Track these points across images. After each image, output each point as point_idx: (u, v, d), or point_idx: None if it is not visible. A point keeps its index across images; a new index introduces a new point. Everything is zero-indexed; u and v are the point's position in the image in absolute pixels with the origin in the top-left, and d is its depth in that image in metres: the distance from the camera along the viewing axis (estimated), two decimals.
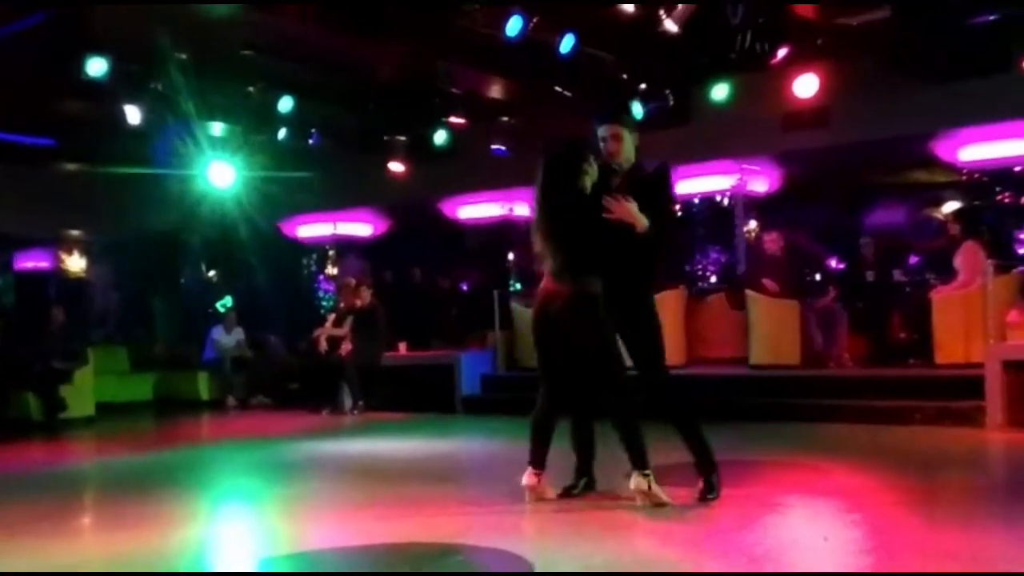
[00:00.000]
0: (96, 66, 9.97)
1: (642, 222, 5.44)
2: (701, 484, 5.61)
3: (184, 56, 10.31)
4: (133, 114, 11.25)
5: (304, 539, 5.41)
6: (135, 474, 8.43)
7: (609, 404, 5.57)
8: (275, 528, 5.88)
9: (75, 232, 17.11)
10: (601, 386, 5.63)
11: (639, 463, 5.45)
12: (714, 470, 5.61)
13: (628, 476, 5.51)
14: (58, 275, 17.24)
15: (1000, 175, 11.63)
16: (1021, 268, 10.54)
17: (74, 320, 13.91)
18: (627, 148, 5.73)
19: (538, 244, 5.73)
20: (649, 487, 5.40)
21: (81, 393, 12.94)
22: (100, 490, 8.04)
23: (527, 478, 5.83)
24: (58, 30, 9.54)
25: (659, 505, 5.40)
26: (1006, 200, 11.66)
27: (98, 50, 9.93)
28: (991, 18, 9.22)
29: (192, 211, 14.03)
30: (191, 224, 14.92)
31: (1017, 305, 9.34)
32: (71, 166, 14.42)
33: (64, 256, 17.29)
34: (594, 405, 5.83)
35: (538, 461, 5.84)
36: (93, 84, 10.24)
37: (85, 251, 17.45)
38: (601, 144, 5.72)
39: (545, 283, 5.75)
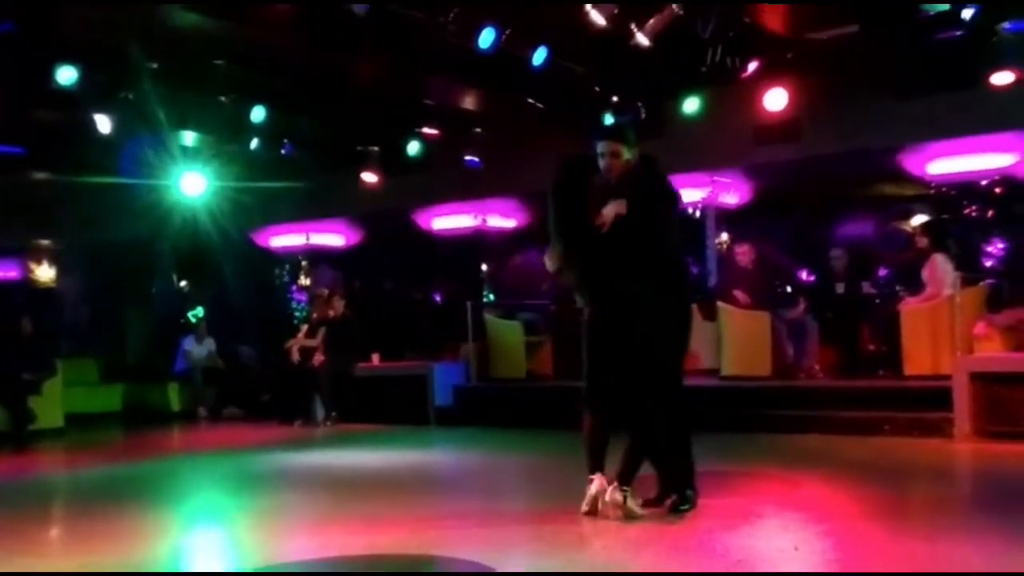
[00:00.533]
0: (66, 75, 9.91)
1: (621, 207, 5.41)
2: (675, 496, 5.61)
3: (155, 65, 10.26)
4: (104, 123, 11.18)
5: (275, 552, 5.39)
6: (104, 486, 8.36)
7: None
8: (245, 541, 5.85)
9: (44, 241, 16.96)
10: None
11: (626, 479, 5.44)
12: (686, 486, 5.61)
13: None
14: (27, 285, 17.08)
15: (967, 189, 11.79)
16: (988, 281, 10.68)
17: (43, 330, 13.77)
18: (623, 160, 5.64)
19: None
20: (624, 501, 5.40)
21: (50, 404, 12.82)
22: (68, 503, 7.96)
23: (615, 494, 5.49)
24: (28, 38, 9.48)
25: (632, 517, 5.41)
26: (973, 213, 11.82)
27: (68, 59, 9.87)
28: (957, 34, 9.34)
29: (163, 221, 13.95)
30: (162, 234, 14.82)
31: (984, 317, 9.44)
32: (41, 175, 14.28)
33: (33, 266, 17.13)
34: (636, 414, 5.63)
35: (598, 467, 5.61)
36: (63, 93, 10.17)
37: (55, 261, 17.29)
38: (600, 160, 5.64)
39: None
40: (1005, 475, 7.23)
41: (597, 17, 8.92)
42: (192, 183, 12.88)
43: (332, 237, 16.51)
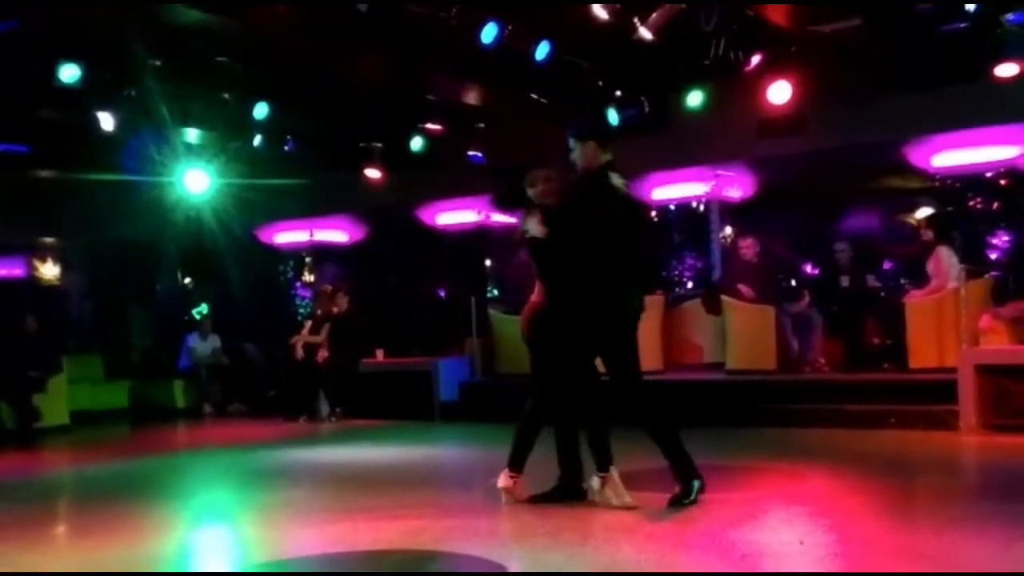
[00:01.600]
0: (69, 72, 9.90)
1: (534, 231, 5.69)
2: (678, 489, 5.65)
3: (158, 62, 10.25)
4: (107, 121, 11.17)
5: (282, 547, 5.40)
6: (110, 483, 8.38)
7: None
8: (252, 536, 5.86)
9: (49, 239, 16.96)
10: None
11: (603, 465, 5.70)
12: (692, 477, 5.65)
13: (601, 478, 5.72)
14: (32, 283, 17.09)
15: (972, 181, 11.75)
16: (993, 273, 10.66)
17: (48, 328, 13.78)
18: (578, 158, 5.88)
19: None
20: (601, 487, 5.69)
21: (55, 402, 12.83)
22: (74, 500, 7.99)
23: (503, 480, 5.88)
24: (31, 36, 9.47)
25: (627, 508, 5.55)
26: (978, 206, 11.78)
27: (71, 56, 9.87)
28: (961, 26, 9.32)
29: (167, 218, 13.94)
30: (166, 231, 14.82)
31: (989, 310, 9.43)
32: (45, 173, 14.28)
33: (38, 264, 17.14)
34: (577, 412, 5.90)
35: (517, 464, 5.89)
36: (67, 90, 10.17)
37: (59, 258, 17.30)
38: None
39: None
40: (1010, 468, 7.22)
41: (600, 11, 8.90)
42: (196, 180, 12.88)
43: (336, 233, 16.50)
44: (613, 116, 11.08)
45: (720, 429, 9.30)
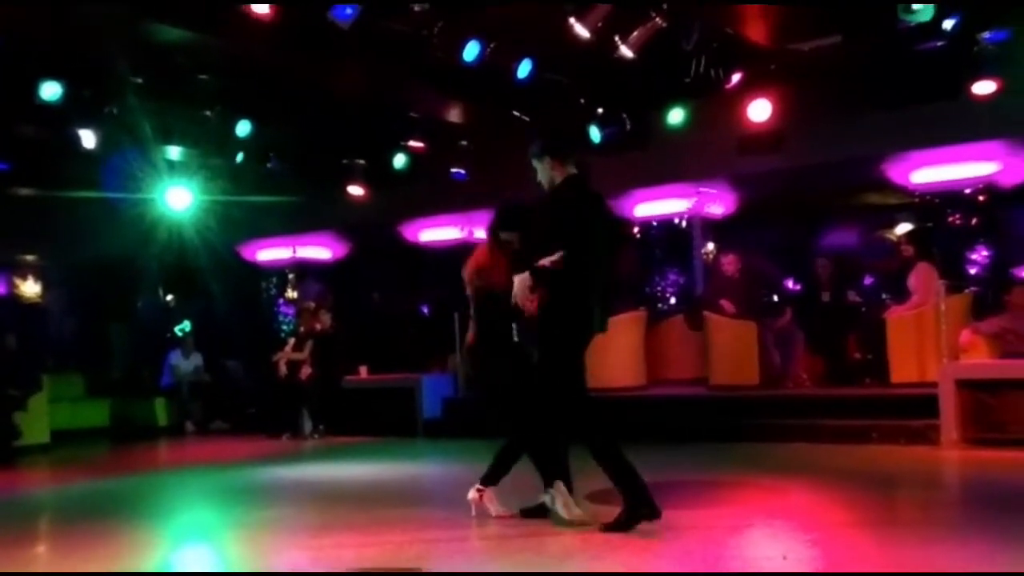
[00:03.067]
0: (50, 90, 9.89)
1: (522, 293, 5.52)
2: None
3: (140, 80, 10.25)
4: (88, 138, 11.14)
5: (265, 565, 5.38)
6: (91, 502, 8.31)
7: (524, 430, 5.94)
8: (234, 554, 5.83)
9: (30, 257, 16.89)
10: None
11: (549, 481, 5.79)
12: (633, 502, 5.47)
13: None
14: (12, 300, 17.00)
15: (951, 197, 11.85)
16: (972, 289, 10.75)
17: (28, 346, 13.70)
18: (541, 178, 5.85)
19: None
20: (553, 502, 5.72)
21: (35, 420, 12.72)
22: (54, 519, 7.92)
23: (471, 493, 6.03)
24: (12, 53, 9.45)
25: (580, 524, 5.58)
26: (957, 222, 11.88)
27: (52, 73, 9.85)
28: (939, 44, 9.42)
29: (149, 235, 13.90)
30: (148, 248, 14.77)
31: (969, 325, 9.50)
32: (26, 190, 14.22)
33: (18, 281, 17.06)
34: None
35: (489, 479, 6.03)
36: (48, 108, 10.15)
37: (40, 276, 17.23)
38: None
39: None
40: (991, 482, 7.26)
41: (581, 30, 8.96)
42: (178, 197, 12.85)
43: (319, 250, 16.49)
44: (595, 133, 11.12)
45: (703, 444, 9.33)
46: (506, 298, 5.59)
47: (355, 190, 13.60)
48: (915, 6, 8.35)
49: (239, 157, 12.55)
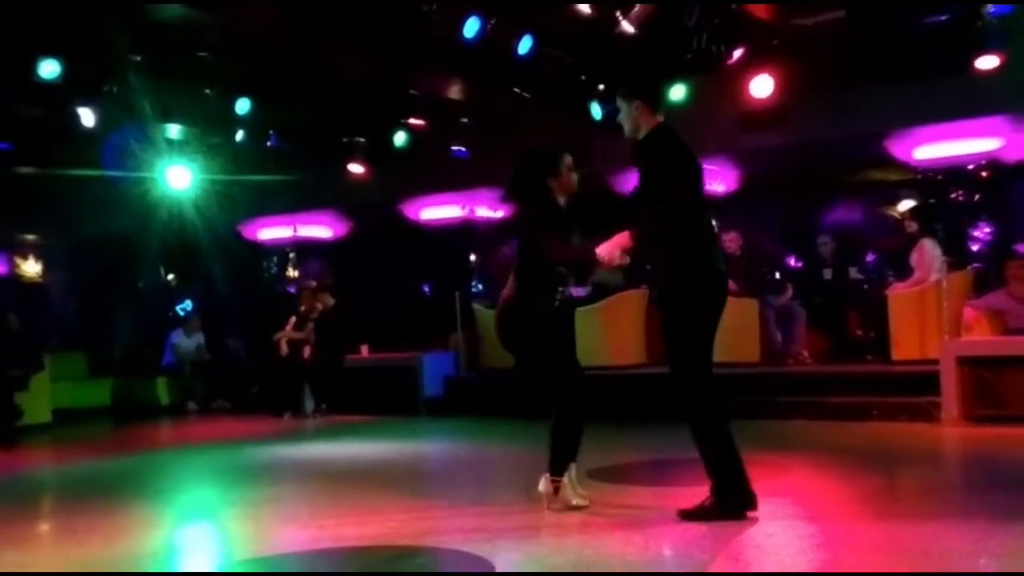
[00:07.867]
0: (49, 68, 9.84)
1: (613, 252, 5.17)
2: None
3: (140, 58, 10.19)
4: (88, 117, 11.10)
5: (267, 544, 5.39)
6: (93, 481, 8.34)
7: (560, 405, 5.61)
8: (237, 533, 5.85)
9: (31, 236, 16.88)
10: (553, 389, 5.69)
11: (557, 469, 5.53)
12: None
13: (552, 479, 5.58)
14: (13, 280, 17.00)
15: (954, 174, 11.80)
16: (975, 265, 10.72)
17: (30, 326, 13.71)
18: (624, 120, 5.30)
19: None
20: (556, 492, 5.51)
21: (38, 400, 12.77)
22: (57, 498, 7.94)
23: (542, 484, 5.62)
24: (10, 31, 9.40)
25: (572, 508, 5.48)
26: (960, 199, 11.84)
27: (51, 52, 9.80)
28: (943, 19, 9.35)
29: (150, 214, 13.88)
30: (149, 228, 14.75)
31: (971, 302, 9.48)
32: (26, 170, 14.19)
33: (19, 261, 17.05)
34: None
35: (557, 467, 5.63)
36: (47, 86, 10.10)
37: (41, 256, 17.22)
38: None
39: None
40: (992, 459, 7.26)
41: (582, 6, 8.90)
42: (178, 176, 12.82)
43: (320, 229, 16.46)
44: (596, 110, 11.07)
45: None
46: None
47: (356, 168, 13.56)
48: None
49: (239, 136, 12.51)
